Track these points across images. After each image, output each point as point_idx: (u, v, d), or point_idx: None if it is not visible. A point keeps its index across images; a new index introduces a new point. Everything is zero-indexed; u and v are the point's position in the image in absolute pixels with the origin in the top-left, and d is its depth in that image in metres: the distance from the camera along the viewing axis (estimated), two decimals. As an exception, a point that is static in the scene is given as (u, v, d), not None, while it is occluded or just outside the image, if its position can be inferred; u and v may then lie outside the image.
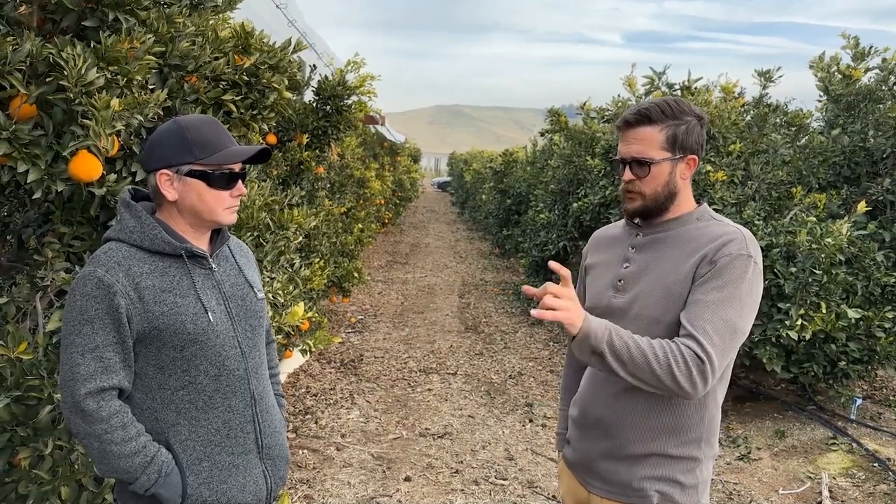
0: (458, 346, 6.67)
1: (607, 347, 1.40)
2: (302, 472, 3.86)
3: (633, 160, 1.58)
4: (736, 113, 5.39)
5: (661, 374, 1.40)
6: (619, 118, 1.64)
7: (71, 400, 1.42)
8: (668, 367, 1.40)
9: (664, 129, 1.56)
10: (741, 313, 1.47)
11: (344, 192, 7.30)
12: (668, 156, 1.57)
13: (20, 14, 1.86)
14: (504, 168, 11.79)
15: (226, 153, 1.53)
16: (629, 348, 1.41)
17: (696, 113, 1.60)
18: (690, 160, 1.60)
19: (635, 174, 1.58)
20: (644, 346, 1.41)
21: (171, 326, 1.47)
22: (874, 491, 3.68)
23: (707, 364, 1.41)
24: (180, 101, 2.29)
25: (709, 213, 1.64)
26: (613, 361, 1.40)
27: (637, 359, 1.40)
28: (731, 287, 1.46)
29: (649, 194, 1.59)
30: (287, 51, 2.73)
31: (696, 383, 1.41)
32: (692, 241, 1.56)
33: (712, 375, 1.42)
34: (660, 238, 1.63)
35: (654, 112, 1.56)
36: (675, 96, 1.62)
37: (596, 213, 6.22)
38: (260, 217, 3.06)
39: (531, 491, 3.70)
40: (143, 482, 1.46)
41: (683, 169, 1.60)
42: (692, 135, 1.58)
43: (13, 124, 1.72)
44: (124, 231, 1.51)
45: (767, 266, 4.38)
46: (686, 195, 1.64)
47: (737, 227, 1.56)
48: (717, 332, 1.43)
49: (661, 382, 1.41)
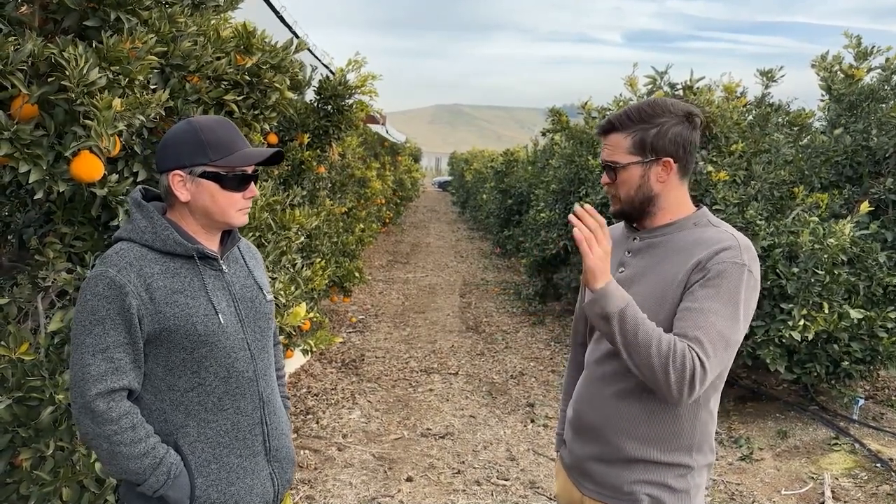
0: (460, 345, 6.66)
1: (618, 315, 1.42)
2: (303, 472, 3.85)
3: (606, 164, 1.62)
4: (738, 113, 5.38)
5: (656, 364, 1.40)
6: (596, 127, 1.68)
7: (81, 400, 1.41)
8: (666, 361, 1.39)
9: (630, 135, 1.57)
10: (735, 328, 1.45)
11: (345, 192, 7.30)
12: (637, 159, 1.57)
13: (22, 14, 1.85)
14: (505, 168, 11.78)
15: (239, 155, 1.53)
16: (637, 326, 1.42)
17: (679, 113, 1.56)
18: (665, 163, 1.57)
19: (609, 178, 1.63)
20: (651, 332, 1.42)
21: (181, 328, 1.47)
22: (877, 491, 3.68)
23: (703, 372, 1.40)
24: (182, 101, 2.28)
25: (707, 217, 1.62)
26: (618, 330, 1.43)
27: (640, 339, 1.41)
28: (726, 297, 1.45)
29: (623, 198, 1.62)
30: (289, 51, 2.72)
31: (683, 388, 1.40)
32: (687, 248, 1.55)
33: (700, 386, 1.41)
34: (655, 243, 1.62)
35: (618, 119, 1.59)
36: (664, 97, 1.61)
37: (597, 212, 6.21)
38: (262, 217, 3.06)
39: (533, 491, 3.69)
40: (152, 483, 1.45)
41: (659, 172, 1.57)
42: (665, 137, 1.55)
43: (15, 124, 1.71)
44: (136, 231, 1.50)
45: (770, 266, 4.37)
46: (676, 198, 1.61)
47: (733, 234, 1.54)
48: (710, 343, 1.42)
49: (652, 373, 1.41)
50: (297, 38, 4.39)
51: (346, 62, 4.66)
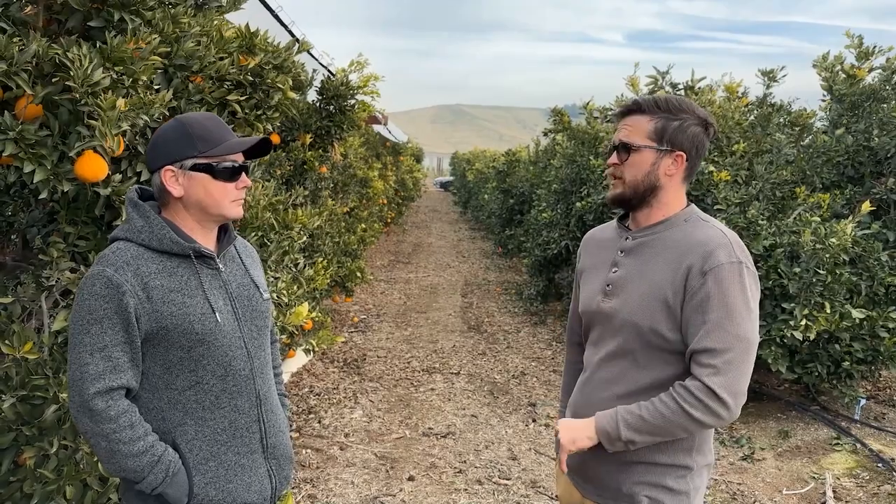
0: (461, 345, 6.67)
1: (624, 431, 1.50)
2: (305, 471, 3.86)
3: (620, 144, 1.61)
4: (739, 113, 5.38)
5: (682, 421, 1.46)
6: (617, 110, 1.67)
7: (79, 399, 1.43)
8: (683, 411, 1.46)
9: (653, 120, 1.57)
10: (749, 324, 1.47)
11: (347, 192, 7.31)
12: (654, 145, 1.57)
13: (26, 14, 1.87)
14: (507, 168, 11.78)
15: (227, 145, 1.54)
16: (643, 419, 1.49)
17: (699, 115, 1.58)
18: (678, 156, 1.58)
19: (619, 158, 1.61)
20: (655, 406, 1.49)
21: (179, 326, 1.48)
22: (878, 491, 3.68)
23: (719, 381, 1.43)
24: (185, 102, 2.29)
25: (696, 213, 1.62)
26: (637, 439, 1.50)
27: (657, 422, 1.48)
28: (731, 299, 1.46)
29: (629, 180, 1.60)
30: (291, 51, 2.73)
31: (716, 412, 1.45)
32: (678, 247, 1.55)
33: (728, 391, 1.44)
34: (647, 242, 1.61)
35: (645, 103, 1.59)
36: (684, 98, 1.63)
37: (599, 212, 6.21)
38: (264, 217, 3.07)
39: (534, 491, 3.70)
40: (151, 481, 1.46)
41: (669, 164, 1.58)
42: (685, 133, 1.57)
43: (19, 124, 1.72)
44: (132, 231, 1.51)
45: (771, 266, 4.37)
46: (674, 195, 1.62)
47: (722, 231, 1.55)
48: (729, 350, 1.44)
49: (688, 426, 1.48)
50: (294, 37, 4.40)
51: (349, 63, 4.68)
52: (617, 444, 1.52)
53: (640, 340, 1.55)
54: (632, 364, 1.58)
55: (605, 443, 1.53)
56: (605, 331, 1.65)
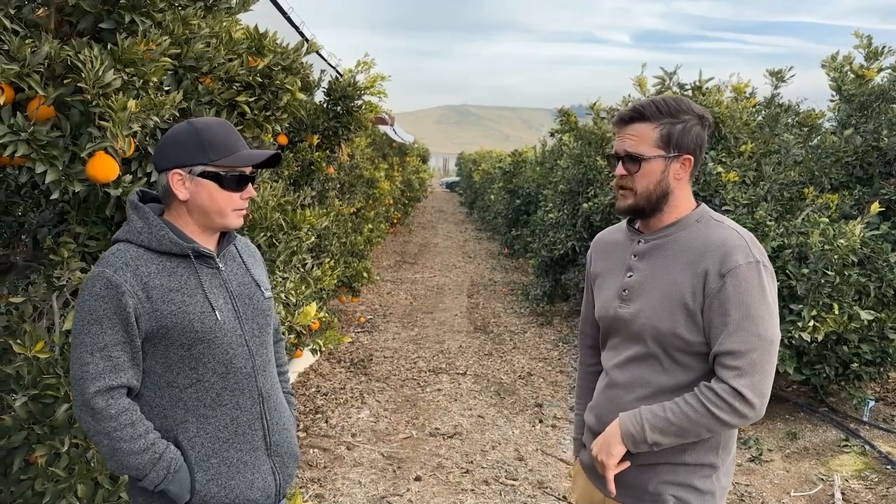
0: (468, 346, 6.67)
1: (649, 433, 1.51)
2: (313, 470, 3.87)
3: (626, 155, 1.57)
4: (747, 113, 5.36)
5: (708, 423, 1.47)
6: (615, 115, 1.64)
7: (81, 398, 1.45)
8: (710, 413, 1.46)
9: (658, 127, 1.55)
10: (770, 323, 1.47)
11: (354, 193, 7.32)
12: (662, 153, 1.55)
13: (38, 16, 1.88)
14: (513, 168, 11.77)
15: (238, 156, 1.56)
16: (669, 420, 1.49)
17: (696, 113, 1.57)
18: (685, 160, 1.57)
19: (627, 170, 1.57)
20: (680, 408, 1.49)
21: (179, 325, 1.49)
22: (887, 493, 3.66)
23: (744, 382, 1.44)
24: (195, 103, 2.30)
25: (708, 213, 1.61)
26: (662, 440, 1.51)
27: (682, 423, 1.48)
28: (750, 300, 1.46)
29: (640, 191, 1.58)
30: (300, 52, 2.73)
31: (743, 413, 1.45)
32: (693, 248, 1.54)
33: (756, 395, 1.45)
34: (661, 244, 1.60)
35: (648, 109, 1.55)
36: (678, 95, 1.62)
37: (606, 213, 6.21)
38: (273, 217, 3.08)
39: (541, 491, 3.70)
40: (153, 478, 1.48)
41: (678, 169, 1.57)
42: (689, 134, 1.56)
43: (31, 125, 1.73)
44: (132, 232, 1.53)
45: (779, 267, 4.36)
46: (683, 196, 1.61)
47: (737, 231, 1.54)
48: (753, 351, 1.44)
49: (714, 427, 1.48)
50: (304, 39, 4.41)
51: (356, 63, 4.69)
52: (642, 447, 1.52)
53: (661, 344, 1.54)
54: (653, 367, 1.58)
55: (630, 445, 1.54)
56: (624, 336, 1.63)
